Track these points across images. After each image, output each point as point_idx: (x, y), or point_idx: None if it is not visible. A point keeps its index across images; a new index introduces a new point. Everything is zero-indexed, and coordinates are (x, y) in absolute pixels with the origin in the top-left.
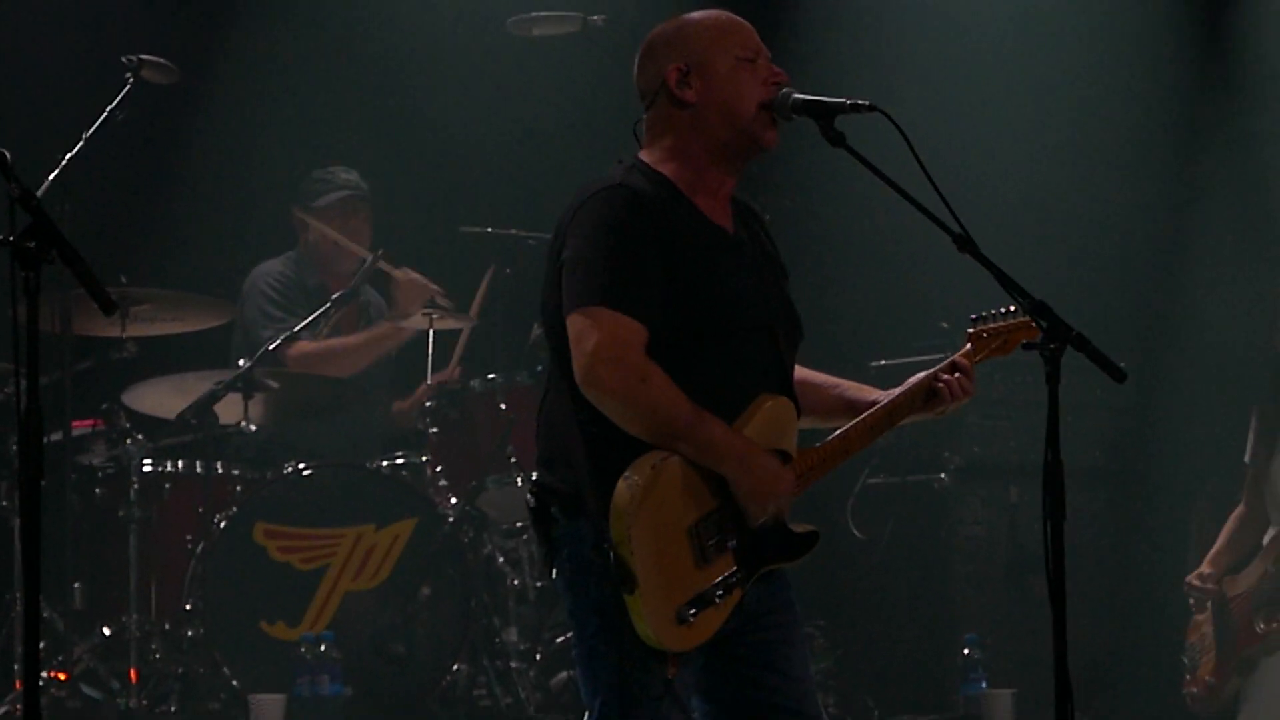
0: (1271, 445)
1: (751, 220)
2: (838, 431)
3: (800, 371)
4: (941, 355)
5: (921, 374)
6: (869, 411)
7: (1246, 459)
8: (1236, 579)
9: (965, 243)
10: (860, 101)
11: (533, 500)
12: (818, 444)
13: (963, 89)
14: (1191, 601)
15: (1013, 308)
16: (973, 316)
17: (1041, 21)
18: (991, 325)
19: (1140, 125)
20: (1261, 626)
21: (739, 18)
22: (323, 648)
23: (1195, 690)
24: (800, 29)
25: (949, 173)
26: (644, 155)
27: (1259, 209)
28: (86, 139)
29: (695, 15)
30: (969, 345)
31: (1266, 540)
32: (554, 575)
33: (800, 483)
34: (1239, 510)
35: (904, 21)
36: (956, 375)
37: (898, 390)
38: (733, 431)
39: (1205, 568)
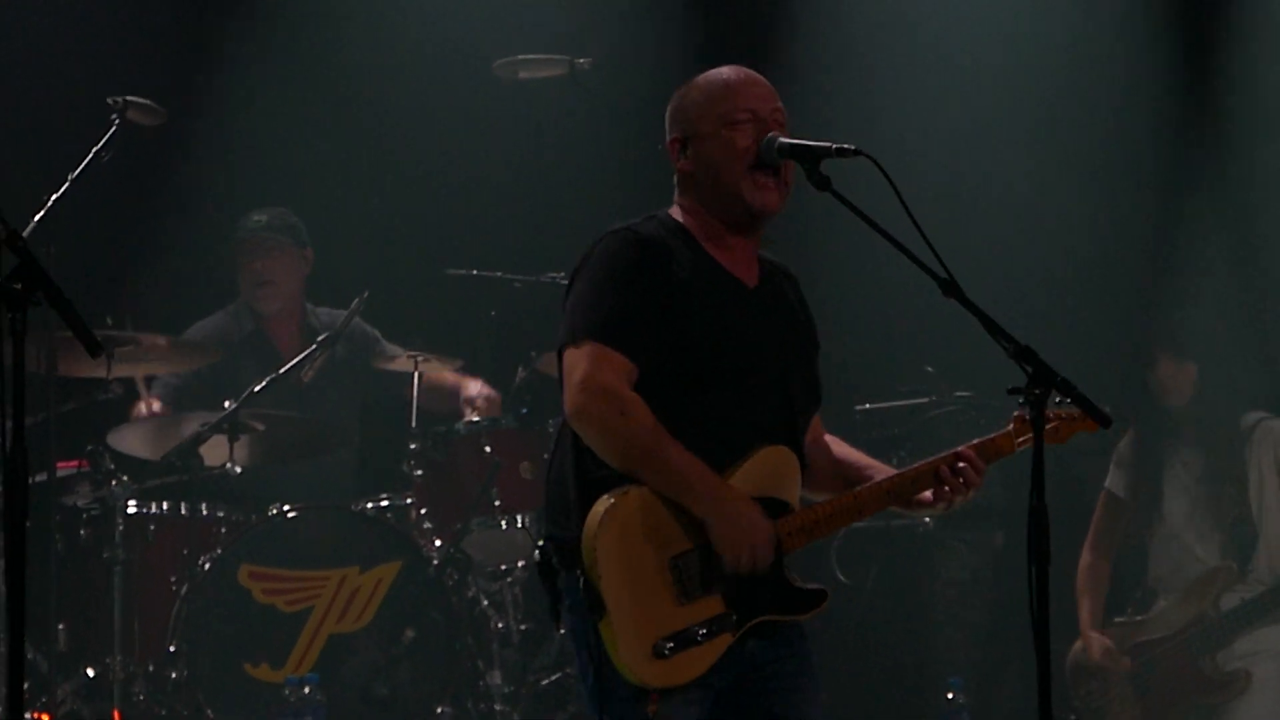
0: (1157, 483)
1: (784, 282)
2: (851, 491)
3: (842, 449)
4: (927, 400)
5: (933, 459)
6: (886, 478)
7: (1119, 492)
8: (1142, 623)
9: (951, 287)
10: (846, 146)
11: (538, 554)
12: (825, 499)
13: (948, 125)
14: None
15: (1065, 399)
16: (1020, 400)
17: (1027, 59)
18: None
19: (1127, 161)
20: (1213, 669)
21: (741, 76)
22: (307, 690)
23: None
24: (788, 71)
25: (935, 213)
26: (671, 209)
27: (1246, 242)
28: (72, 180)
29: (699, 79)
30: (1011, 426)
31: (1158, 579)
32: (559, 629)
33: (801, 535)
34: (1087, 561)
35: (891, 60)
36: (962, 465)
37: (907, 468)
38: (711, 474)
39: (1103, 641)
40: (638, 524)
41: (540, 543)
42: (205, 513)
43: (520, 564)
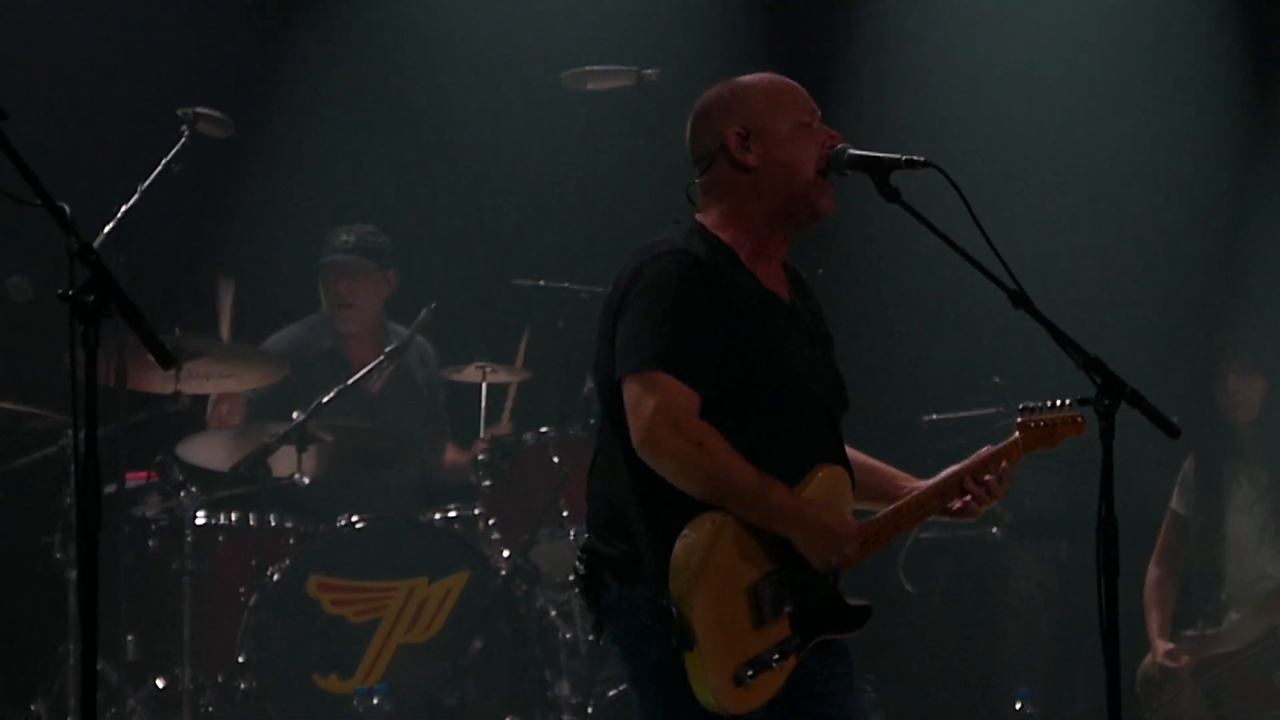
0: (1220, 501)
1: (801, 286)
2: (890, 507)
3: (855, 455)
4: (994, 410)
5: (956, 468)
6: (920, 492)
7: (1184, 511)
8: (1214, 637)
9: (1020, 299)
10: (915, 158)
11: (582, 567)
12: (873, 517)
13: (1012, 135)
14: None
15: (1060, 401)
16: (1021, 406)
17: (1093, 67)
18: (1039, 416)
19: (1194, 171)
20: None
21: (793, 81)
22: (375, 700)
23: None
24: (854, 82)
25: (998, 223)
26: (701, 218)
27: None
28: (142, 191)
29: (751, 78)
30: (1017, 434)
31: (1228, 594)
32: (602, 642)
33: (858, 552)
34: (1155, 576)
35: (956, 69)
36: (987, 478)
37: (932, 480)
38: (791, 493)
39: (1168, 645)
40: (725, 553)
41: (584, 556)
42: (274, 523)
43: None
